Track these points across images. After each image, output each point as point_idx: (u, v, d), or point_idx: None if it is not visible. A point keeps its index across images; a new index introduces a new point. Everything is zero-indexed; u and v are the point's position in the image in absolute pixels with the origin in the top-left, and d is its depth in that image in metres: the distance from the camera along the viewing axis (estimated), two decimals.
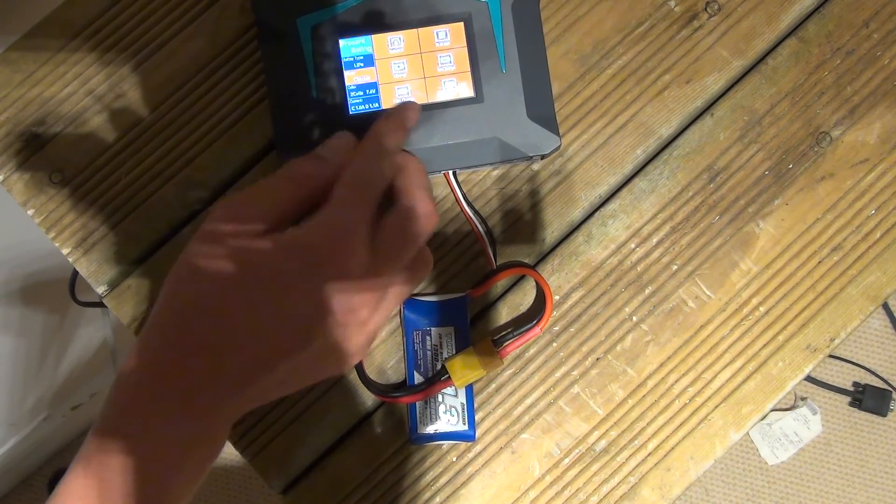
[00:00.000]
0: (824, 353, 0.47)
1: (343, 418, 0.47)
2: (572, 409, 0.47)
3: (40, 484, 1.22)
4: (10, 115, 0.48)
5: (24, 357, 0.92)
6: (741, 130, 0.48)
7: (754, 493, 1.25)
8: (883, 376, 1.26)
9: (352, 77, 0.46)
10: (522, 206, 0.48)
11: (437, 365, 0.46)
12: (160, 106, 0.48)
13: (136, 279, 0.47)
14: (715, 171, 0.48)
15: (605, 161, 0.48)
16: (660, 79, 0.48)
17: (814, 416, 1.23)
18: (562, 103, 0.48)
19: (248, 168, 0.48)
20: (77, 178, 0.48)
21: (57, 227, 0.48)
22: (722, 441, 0.46)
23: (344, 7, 0.46)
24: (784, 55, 0.48)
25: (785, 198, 0.48)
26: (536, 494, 0.46)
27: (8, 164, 0.48)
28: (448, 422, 0.46)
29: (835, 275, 0.47)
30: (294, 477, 0.46)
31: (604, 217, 0.48)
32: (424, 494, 0.46)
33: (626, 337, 0.47)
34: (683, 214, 0.48)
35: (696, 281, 0.47)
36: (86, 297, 0.62)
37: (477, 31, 0.46)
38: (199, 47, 0.48)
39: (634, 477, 0.46)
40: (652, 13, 0.48)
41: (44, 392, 1.03)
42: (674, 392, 0.46)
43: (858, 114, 0.48)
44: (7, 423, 1.02)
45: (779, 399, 0.47)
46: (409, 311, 0.46)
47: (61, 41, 0.48)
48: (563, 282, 0.47)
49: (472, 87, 0.46)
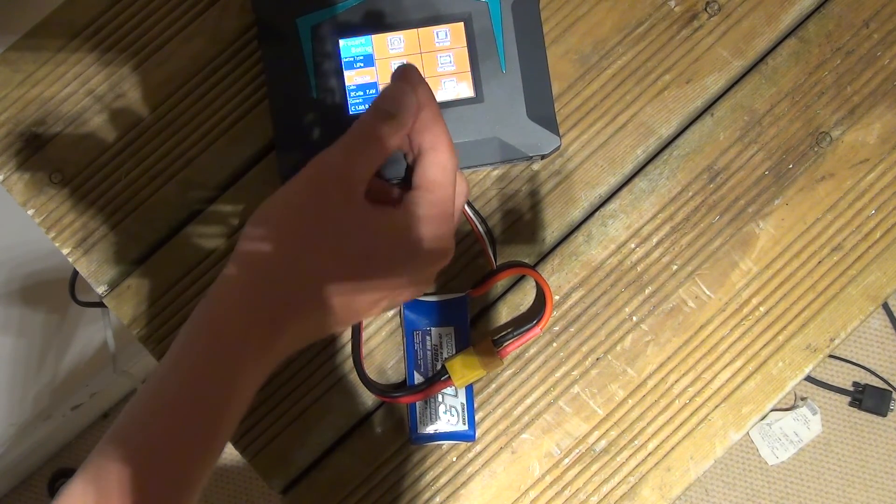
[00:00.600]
0: (824, 353, 0.47)
1: (343, 418, 0.47)
2: (572, 409, 0.47)
3: (40, 484, 1.22)
4: (10, 115, 0.48)
5: (24, 357, 0.92)
6: (741, 130, 0.48)
7: (754, 493, 1.25)
8: (883, 376, 1.26)
9: (352, 77, 0.46)
10: (522, 206, 0.48)
11: (437, 365, 0.46)
12: (160, 106, 0.48)
13: (136, 279, 0.47)
14: (715, 171, 0.48)
15: (605, 161, 0.48)
16: (660, 79, 0.48)
17: (814, 416, 1.23)
18: (562, 103, 0.48)
19: (248, 168, 0.48)
20: (77, 178, 0.48)
21: (57, 227, 0.48)
22: (722, 441, 0.46)
23: (344, 7, 0.46)
24: (784, 55, 0.48)
25: (785, 198, 0.48)
26: (536, 494, 0.46)
27: (8, 164, 0.48)
28: (448, 422, 0.46)
29: (835, 275, 0.47)
30: (294, 477, 0.46)
31: (604, 217, 0.48)
32: (424, 494, 0.46)
33: (626, 337, 0.47)
34: (683, 214, 0.48)
35: (696, 281, 0.47)
36: (86, 297, 0.62)
37: (477, 31, 0.46)
38: (199, 47, 0.48)
39: (634, 477, 0.46)
40: (652, 13, 0.48)
41: (44, 392, 1.02)
42: (674, 392, 0.46)
43: (858, 114, 0.48)
44: (7, 423, 1.02)
45: (779, 399, 0.47)
46: (409, 311, 0.46)
47: (61, 41, 0.48)
48: (563, 282, 0.47)
49: (472, 87, 0.46)
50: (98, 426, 1.24)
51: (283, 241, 0.35)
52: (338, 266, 0.35)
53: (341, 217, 0.35)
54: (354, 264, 0.35)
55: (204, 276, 0.47)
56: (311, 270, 0.34)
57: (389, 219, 0.36)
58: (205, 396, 0.33)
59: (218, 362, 0.33)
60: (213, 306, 0.34)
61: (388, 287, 0.37)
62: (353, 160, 0.36)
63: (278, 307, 0.34)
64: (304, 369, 0.47)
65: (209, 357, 0.33)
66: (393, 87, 0.37)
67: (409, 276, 0.37)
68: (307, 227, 0.35)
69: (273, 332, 0.34)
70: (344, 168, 0.35)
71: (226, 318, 0.34)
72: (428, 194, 0.37)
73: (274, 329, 0.34)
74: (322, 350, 0.47)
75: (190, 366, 0.33)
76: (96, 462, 0.32)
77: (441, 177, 0.37)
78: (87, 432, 1.23)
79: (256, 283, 0.34)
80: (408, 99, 0.36)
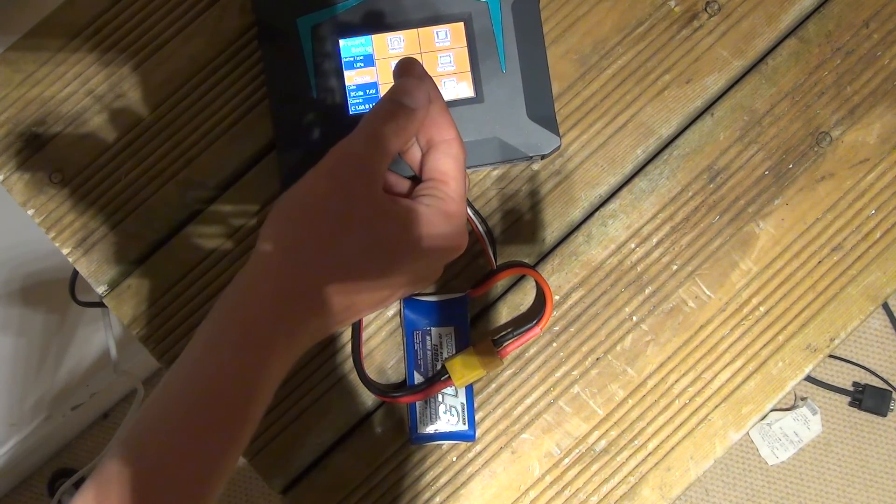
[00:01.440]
0: (824, 353, 0.47)
1: (343, 418, 0.47)
2: (572, 409, 0.47)
3: (40, 484, 1.22)
4: (10, 115, 0.48)
5: (24, 357, 0.92)
6: (741, 130, 0.48)
7: (754, 493, 1.25)
8: (883, 376, 1.26)
9: (352, 77, 0.46)
10: (522, 206, 0.48)
11: (437, 365, 0.46)
12: (160, 106, 0.48)
13: (136, 279, 0.47)
14: (715, 171, 0.48)
15: (605, 161, 0.48)
16: (660, 79, 0.48)
17: (814, 416, 1.23)
18: (562, 103, 0.48)
19: (248, 168, 0.48)
20: (77, 178, 0.48)
21: (57, 227, 0.48)
22: (722, 441, 0.46)
23: (344, 7, 0.46)
24: (784, 55, 0.48)
25: (785, 198, 0.48)
26: (536, 494, 0.46)
27: (8, 164, 0.48)
28: (448, 422, 0.46)
29: (835, 275, 0.47)
30: (294, 477, 0.46)
31: (604, 217, 0.48)
32: (424, 494, 0.46)
33: (626, 337, 0.47)
34: (683, 214, 0.48)
35: (696, 281, 0.47)
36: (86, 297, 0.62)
37: (477, 31, 0.46)
38: (199, 47, 0.48)
39: (634, 477, 0.46)
40: (652, 13, 0.48)
41: (44, 392, 1.03)
42: (674, 392, 0.46)
43: (858, 114, 0.48)
44: (7, 423, 1.02)
45: (779, 399, 0.47)
46: (409, 311, 0.46)
47: (61, 41, 0.48)
48: (563, 282, 0.47)
49: (472, 87, 0.46)
50: (98, 426, 1.24)
51: (308, 235, 0.34)
52: (363, 256, 0.35)
53: (364, 209, 0.35)
54: (378, 254, 0.35)
55: (204, 275, 0.47)
56: (336, 262, 0.34)
57: (408, 210, 0.36)
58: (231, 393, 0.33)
59: (247, 355, 0.33)
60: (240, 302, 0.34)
61: (407, 277, 0.37)
62: (374, 152, 0.36)
63: (305, 299, 0.34)
64: (304, 369, 0.47)
65: (238, 350, 0.33)
66: (406, 81, 0.37)
67: (427, 266, 0.37)
68: (332, 219, 0.34)
69: (299, 324, 0.34)
70: (366, 159, 0.35)
71: (254, 312, 0.34)
72: (442, 185, 0.37)
73: (300, 321, 0.34)
74: (322, 350, 0.47)
75: (216, 361, 0.33)
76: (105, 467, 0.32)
77: (453, 168, 0.37)
78: (87, 432, 1.23)
79: (283, 277, 0.34)
80: (422, 93, 0.37)
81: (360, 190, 0.35)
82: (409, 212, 0.36)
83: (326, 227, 0.34)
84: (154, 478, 0.31)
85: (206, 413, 0.32)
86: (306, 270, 0.34)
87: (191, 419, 0.32)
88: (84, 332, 1.00)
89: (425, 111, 0.37)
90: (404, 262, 0.36)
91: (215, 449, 0.33)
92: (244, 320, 0.34)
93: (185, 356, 0.34)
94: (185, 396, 0.33)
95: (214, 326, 0.34)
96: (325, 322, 0.35)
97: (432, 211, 0.36)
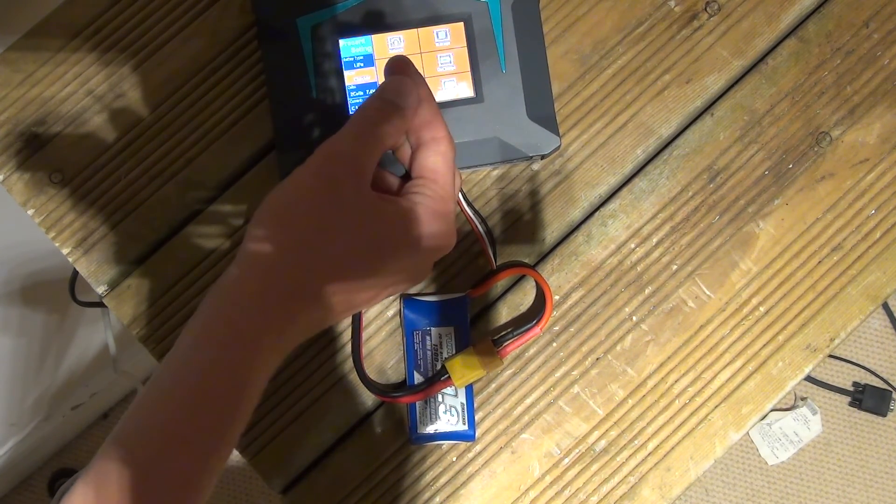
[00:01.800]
0: (824, 353, 0.47)
1: (343, 418, 0.47)
2: (572, 409, 0.47)
3: (40, 484, 1.22)
4: (10, 115, 0.48)
5: (24, 357, 0.92)
6: (741, 130, 0.48)
7: (754, 493, 1.25)
8: (883, 376, 1.26)
9: (352, 77, 0.46)
10: (522, 206, 0.48)
11: (437, 365, 0.46)
12: (160, 106, 0.48)
13: (136, 279, 0.47)
14: (715, 171, 0.48)
15: (605, 161, 0.48)
16: (660, 79, 0.48)
17: (814, 416, 1.23)
18: (562, 103, 0.48)
19: (248, 168, 0.48)
20: (77, 178, 0.48)
21: (57, 227, 0.48)
22: (722, 441, 0.46)
23: (344, 7, 0.46)
24: (784, 55, 0.48)
25: (785, 198, 0.48)
26: (536, 494, 0.46)
27: (8, 164, 0.48)
28: (448, 422, 0.46)
29: (835, 275, 0.47)
30: (294, 477, 0.46)
31: (604, 217, 0.48)
32: (424, 494, 0.46)
33: (626, 337, 0.47)
34: (683, 214, 0.48)
35: (696, 281, 0.47)
36: (86, 297, 0.62)
37: (477, 31, 0.46)
38: (199, 47, 0.48)
39: (634, 477, 0.46)
40: (652, 13, 0.48)
41: (44, 392, 1.03)
42: (674, 392, 0.46)
43: (858, 114, 0.48)
44: (7, 423, 1.02)
45: (779, 399, 0.47)
46: (409, 311, 0.46)
47: (61, 41, 0.48)
48: (563, 282, 0.47)
49: (472, 87, 0.46)
50: (98, 426, 1.23)
51: (295, 233, 0.34)
52: (350, 254, 0.35)
53: (353, 206, 0.35)
54: (366, 252, 0.35)
55: (204, 276, 0.47)
56: (324, 260, 0.34)
57: (396, 208, 0.36)
58: (221, 390, 0.33)
59: (235, 353, 0.33)
60: (227, 299, 0.34)
61: (395, 275, 0.37)
62: (362, 149, 0.36)
63: (293, 297, 0.34)
64: (304, 369, 0.47)
65: (226, 348, 0.33)
66: (396, 79, 0.37)
67: (415, 265, 0.37)
68: (319, 217, 0.34)
69: (287, 322, 0.34)
70: (354, 157, 0.35)
71: (242, 310, 0.34)
72: (431, 183, 0.37)
73: (288, 319, 0.34)
74: (322, 350, 0.47)
75: (205, 359, 0.33)
76: (99, 466, 0.32)
77: (442, 166, 0.37)
78: (87, 432, 1.23)
79: (271, 275, 0.34)
80: (412, 91, 0.37)
81: (348, 187, 0.35)
82: (398, 209, 0.36)
83: (314, 224, 0.34)
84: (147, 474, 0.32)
85: (196, 409, 0.33)
86: (293, 268, 0.34)
87: (181, 415, 0.33)
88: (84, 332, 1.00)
89: (415, 109, 0.37)
90: (392, 260, 0.36)
91: (206, 444, 0.33)
92: (231, 318, 0.34)
93: (175, 352, 0.34)
94: (174, 392, 0.33)
95: (203, 323, 0.34)
96: (312, 319, 0.35)
97: (421, 209, 0.36)
